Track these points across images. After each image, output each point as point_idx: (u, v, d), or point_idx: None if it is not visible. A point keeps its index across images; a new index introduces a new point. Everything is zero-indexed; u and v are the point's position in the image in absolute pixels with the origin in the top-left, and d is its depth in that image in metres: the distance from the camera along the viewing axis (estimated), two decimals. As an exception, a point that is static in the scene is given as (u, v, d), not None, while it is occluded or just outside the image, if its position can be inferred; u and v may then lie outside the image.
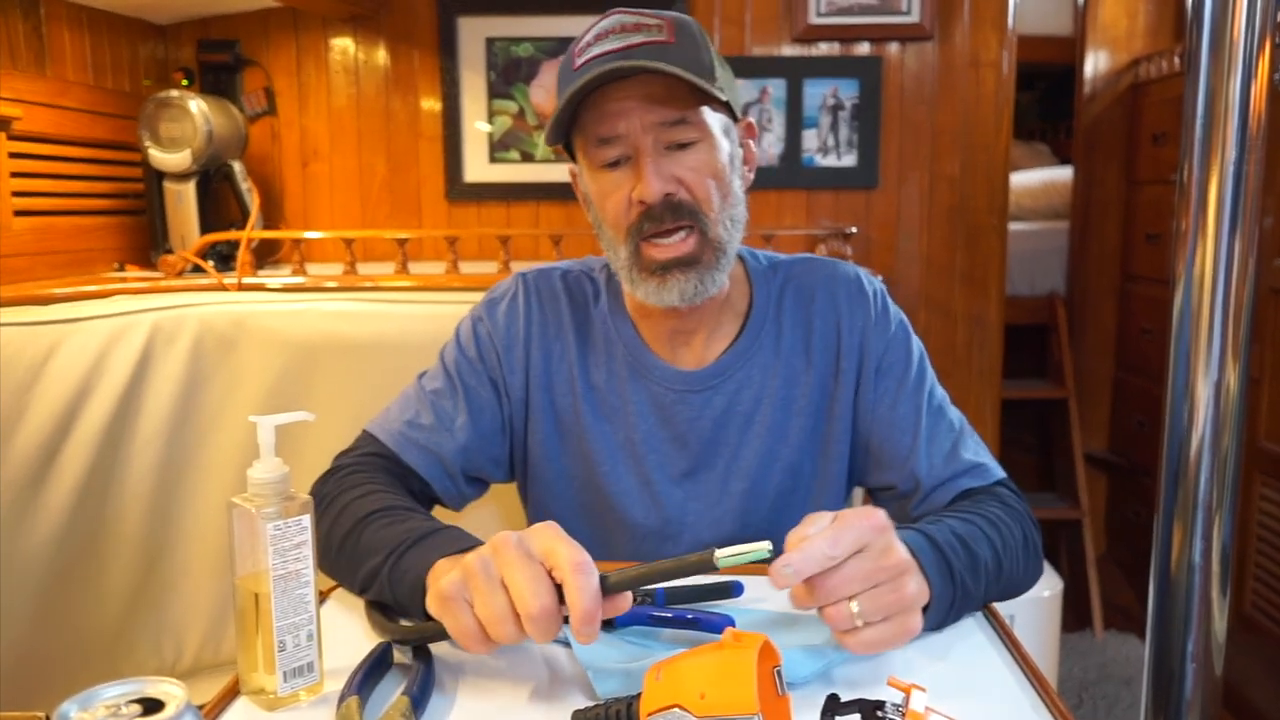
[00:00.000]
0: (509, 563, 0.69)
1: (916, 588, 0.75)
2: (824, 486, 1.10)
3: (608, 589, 0.69)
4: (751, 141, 1.06)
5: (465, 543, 0.82)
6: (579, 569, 0.67)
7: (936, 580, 0.79)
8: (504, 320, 1.11)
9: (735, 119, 1.02)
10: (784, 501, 1.08)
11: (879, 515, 0.75)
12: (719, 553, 0.68)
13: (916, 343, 1.10)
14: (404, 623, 0.82)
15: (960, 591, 0.82)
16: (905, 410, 1.05)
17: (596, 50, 0.94)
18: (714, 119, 0.99)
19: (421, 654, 0.77)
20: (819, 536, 0.71)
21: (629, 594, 0.71)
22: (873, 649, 0.73)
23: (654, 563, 0.72)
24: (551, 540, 0.70)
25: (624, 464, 1.09)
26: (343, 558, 0.90)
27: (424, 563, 0.80)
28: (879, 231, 2.29)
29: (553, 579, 0.69)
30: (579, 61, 0.95)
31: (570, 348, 1.09)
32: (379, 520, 0.90)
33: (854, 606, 0.71)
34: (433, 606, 0.74)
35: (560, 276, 1.13)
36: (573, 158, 1.05)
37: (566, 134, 1.02)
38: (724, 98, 0.96)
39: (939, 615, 0.81)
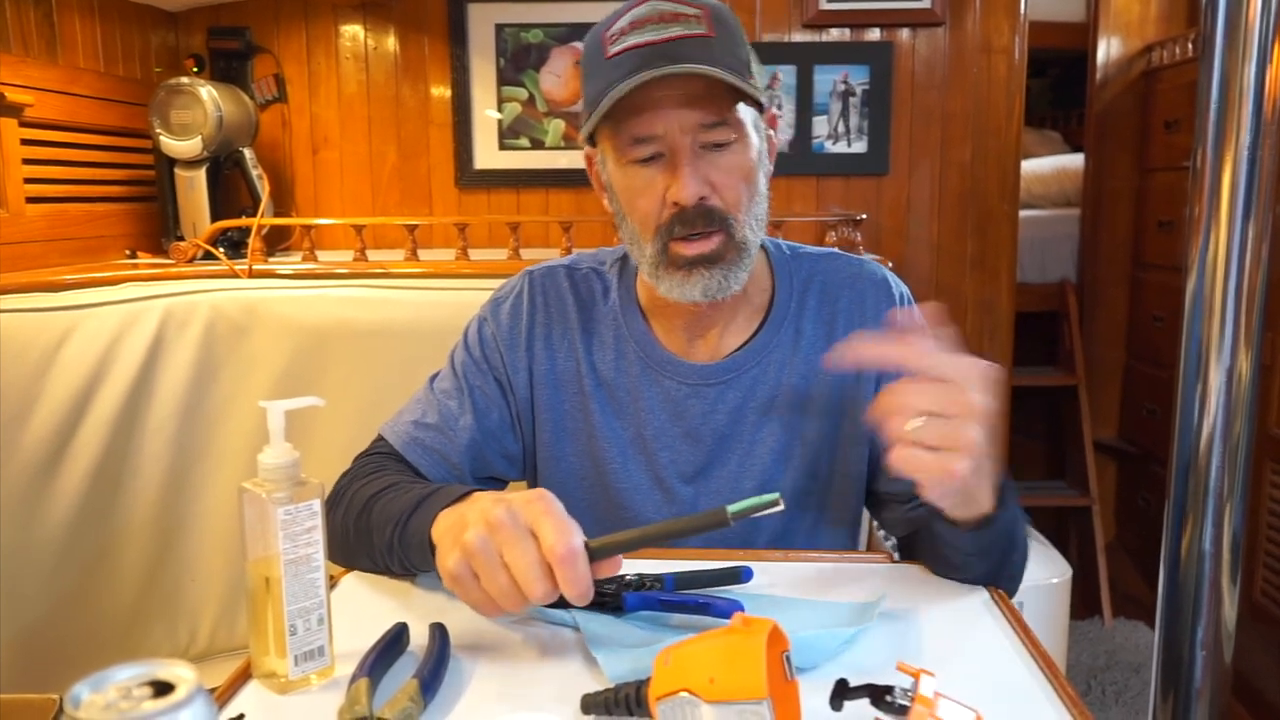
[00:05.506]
0: (508, 542, 0.71)
1: (978, 438, 0.75)
2: (841, 489, 1.08)
3: (596, 556, 0.72)
4: (772, 131, 1.04)
5: (459, 492, 0.84)
6: (564, 561, 0.69)
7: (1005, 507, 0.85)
8: (508, 320, 1.10)
9: (762, 110, 1.00)
10: (798, 502, 1.06)
11: (996, 368, 0.76)
12: (730, 508, 0.70)
13: None
14: None
15: (1003, 541, 0.87)
16: None
17: (633, 40, 0.91)
18: (747, 114, 0.96)
19: (439, 635, 0.77)
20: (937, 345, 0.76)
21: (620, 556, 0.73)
22: (909, 469, 0.75)
23: (663, 522, 0.76)
24: (538, 521, 0.72)
25: (634, 461, 1.07)
26: (361, 543, 0.92)
27: (426, 521, 0.82)
28: (889, 218, 2.28)
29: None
30: (612, 50, 0.92)
31: (577, 346, 1.08)
32: (384, 497, 0.92)
33: (916, 422, 0.74)
34: (446, 583, 0.76)
35: (567, 275, 1.12)
36: (591, 141, 1.03)
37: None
38: (761, 97, 0.94)
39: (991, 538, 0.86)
